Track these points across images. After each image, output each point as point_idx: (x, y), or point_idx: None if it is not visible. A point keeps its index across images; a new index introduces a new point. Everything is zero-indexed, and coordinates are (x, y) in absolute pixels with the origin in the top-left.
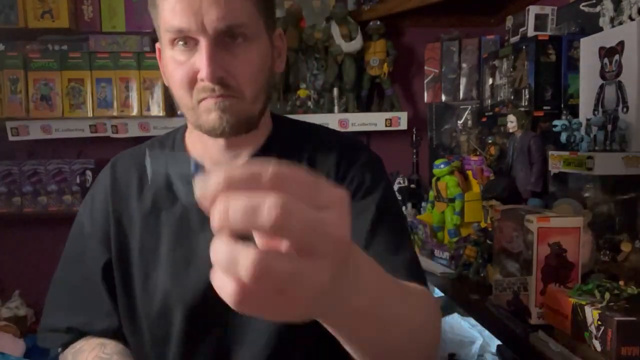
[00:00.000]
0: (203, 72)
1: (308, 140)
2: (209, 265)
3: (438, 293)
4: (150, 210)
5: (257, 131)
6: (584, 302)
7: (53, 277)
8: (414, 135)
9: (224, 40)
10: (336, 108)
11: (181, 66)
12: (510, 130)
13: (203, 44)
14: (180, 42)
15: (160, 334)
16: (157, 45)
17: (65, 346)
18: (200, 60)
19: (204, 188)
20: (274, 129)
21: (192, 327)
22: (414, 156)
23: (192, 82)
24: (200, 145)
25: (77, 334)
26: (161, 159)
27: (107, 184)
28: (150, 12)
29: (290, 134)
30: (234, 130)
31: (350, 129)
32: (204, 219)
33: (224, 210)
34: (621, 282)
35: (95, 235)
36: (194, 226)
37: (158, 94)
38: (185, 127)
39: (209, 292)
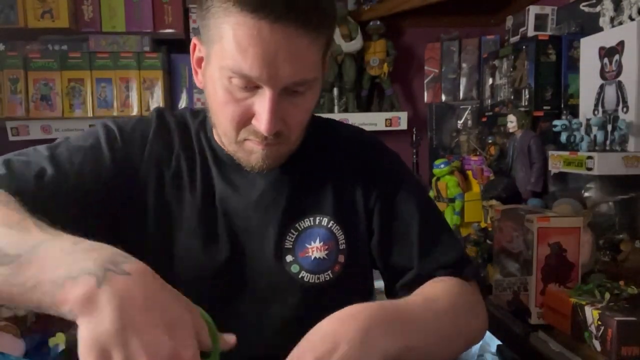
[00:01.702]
0: (262, 125)
1: (333, 145)
2: (225, 247)
3: None
4: (182, 169)
5: None
6: (584, 302)
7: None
8: (414, 135)
9: (289, 90)
10: (336, 108)
11: (236, 103)
12: (510, 130)
13: (268, 95)
14: (240, 82)
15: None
16: (195, 40)
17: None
18: (262, 110)
19: None
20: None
21: (205, 301)
22: (414, 156)
23: (243, 121)
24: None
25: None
26: None
27: (152, 127)
28: (201, 15)
29: (314, 132)
30: (272, 167)
31: None
32: (225, 200)
33: None
34: (621, 282)
35: (124, 155)
36: (217, 205)
37: (158, 94)
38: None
39: (224, 275)
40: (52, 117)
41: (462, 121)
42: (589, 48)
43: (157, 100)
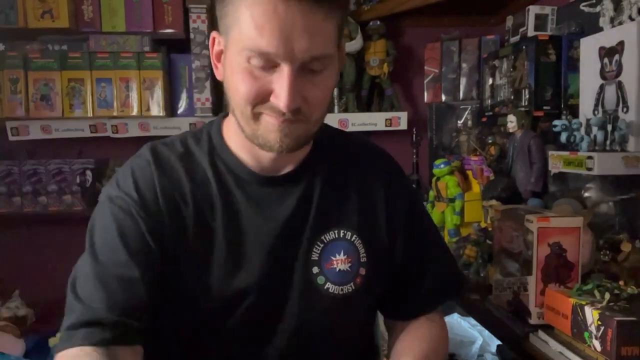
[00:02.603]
0: (281, 101)
1: (352, 158)
2: (258, 271)
3: None
4: (205, 208)
5: None
6: (584, 302)
7: (78, 271)
8: (414, 135)
9: (307, 68)
10: (336, 108)
11: (255, 80)
12: (510, 130)
13: (286, 71)
14: (259, 62)
15: (203, 335)
16: (214, 34)
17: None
18: (281, 87)
19: None
20: (319, 140)
21: (239, 332)
22: (414, 156)
23: (260, 98)
24: (247, 148)
25: (119, 328)
26: None
27: (152, 168)
28: (220, 6)
29: (331, 143)
30: (291, 150)
31: (350, 129)
32: (254, 222)
33: None
34: (621, 282)
35: (142, 230)
36: (245, 229)
37: (158, 94)
38: (220, 121)
39: (258, 298)
40: (52, 117)
41: (462, 121)
42: (589, 48)
43: (157, 100)
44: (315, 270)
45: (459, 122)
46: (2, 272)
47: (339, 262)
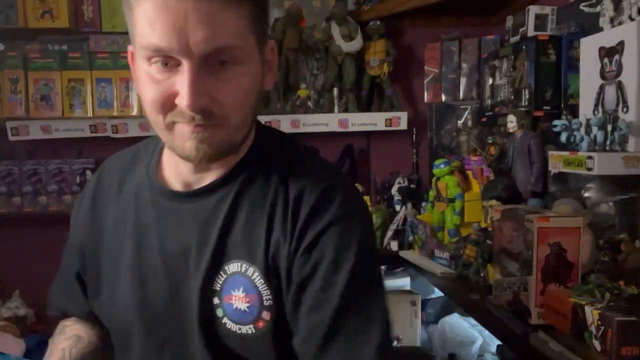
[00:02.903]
0: (184, 100)
1: (280, 171)
2: (162, 286)
3: (438, 293)
4: (121, 218)
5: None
6: (584, 302)
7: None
8: (414, 135)
9: (211, 64)
10: (336, 108)
11: (157, 84)
12: (510, 130)
13: (186, 67)
14: (158, 61)
15: (121, 345)
16: (130, 48)
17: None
18: (182, 85)
19: None
20: (249, 151)
21: (149, 345)
22: (414, 156)
23: (168, 104)
24: (173, 162)
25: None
26: None
27: (92, 188)
28: (124, 12)
29: (265, 159)
30: (212, 159)
31: (350, 129)
32: (162, 236)
33: None
34: (621, 282)
35: (73, 241)
36: (152, 242)
37: None
38: None
39: (164, 312)
40: (52, 117)
41: (462, 121)
42: (589, 48)
43: None
44: (215, 300)
45: (459, 122)
46: (2, 272)
47: (237, 299)
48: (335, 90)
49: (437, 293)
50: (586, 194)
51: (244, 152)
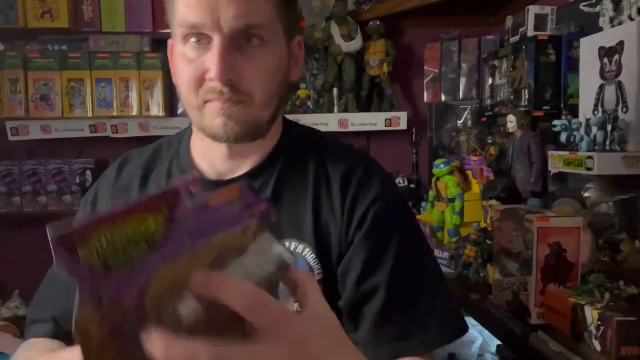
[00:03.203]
0: (213, 71)
1: (317, 155)
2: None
3: None
4: None
5: (264, 140)
6: (584, 302)
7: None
8: (414, 135)
9: (239, 41)
10: (336, 108)
11: (191, 64)
12: (510, 130)
13: (216, 42)
14: (193, 39)
15: None
16: (170, 42)
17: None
18: (212, 58)
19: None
20: (282, 138)
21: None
22: (414, 156)
23: (200, 81)
24: (203, 152)
25: (57, 324)
26: None
27: (112, 183)
28: (166, 6)
29: (299, 145)
30: (239, 138)
31: (350, 129)
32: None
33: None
34: (621, 282)
35: None
36: None
37: (158, 94)
38: (192, 129)
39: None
40: (52, 117)
41: (462, 121)
42: (588, 48)
43: (157, 100)
44: None
45: (459, 122)
46: (2, 272)
47: None
48: (335, 91)
49: None
50: (586, 194)
51: (276, 141)
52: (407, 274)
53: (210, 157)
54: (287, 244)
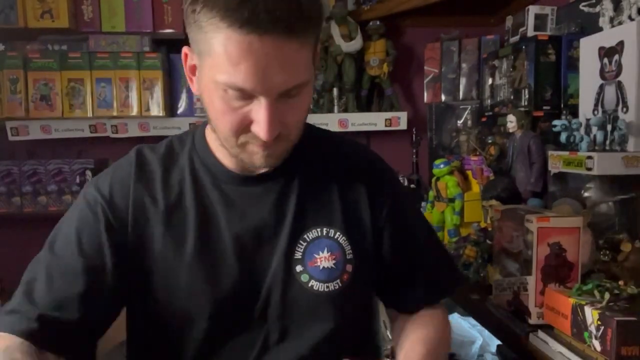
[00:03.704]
0: (262, 133)
1: (334, 156)
2: (234, 268)
3: None
4: (175, 205)
5: None
6: (584, 302)
7: (37, 258)
8: (413, 135)
9: (283, 96)
10: (336, 108)
11: (234, 112)
12: (510, 130)
13: (264, 103)
14: (236, 93)
15: (178, 333)
16: (186, 50)
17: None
18: (260, 119)
19: None
20: (299, 141)
21: (214, 329)
22: (414, 156)
23: (242, 128)
24: (224, 150)
25: (42, 324)
26: None
27: (132, 171)
28: (187, 18)
29: (317, 140)
30: (274, 165)
31: (350, 129)
32: (231, 220)
33: None
34: (621, 282)
35: (109, 217)
36: (221, 226)
37: (158, 94)
38: (205, 125)
39: (237, 296)
40: (52, 117)
41: (462, 121)
42: (588, 48)
43: (157, 100)
44: (299, 268)
45: (458, 122)
46: (2, 272)
47: (323, 259)
48: (335, 90)
49: None
50: (586, 194)
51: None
52: (430, 237)
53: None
54: (317, 230)
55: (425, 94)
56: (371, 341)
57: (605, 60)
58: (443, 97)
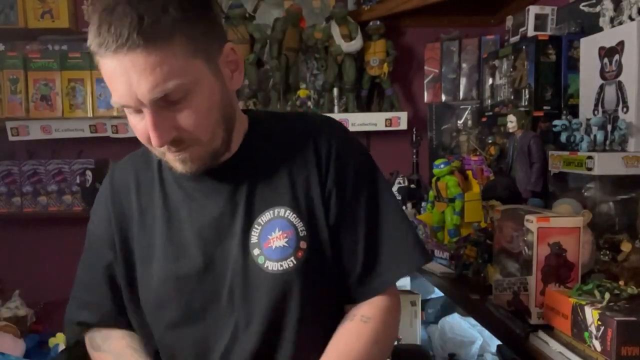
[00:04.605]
0: (153, 140)
1: (283, 137)
2: (197, 258)
3: (438, 293)
4: (147, 206)
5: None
6: (584, 302)
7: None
8: (414, 135)
9: (165, 102)
10: (336, 108)
11: (137, 126)
12: (510, 130)
13: (146, 113)
14: (128, 109)
15: (159, 324)
16: None
17: (77, 338)
18: (148, 128)
19: None
20: (249, 132)
21: (186, 318)
22: (414, 156)
23: (149, 142)
24: None
25: (85, 327)
26: None
27: (107, 192)
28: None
29: (265, 126)
30: (200, 169)
31: (350, 129)
32: (191, 214)
33: None
34: (621, 282)
35: (100, 239)
36: (183, 220)
37: None
38: None
39: (203, 285)
40: (52, 117)
41: (462, 121)
42: (589, 48)
43: None
44: (256, 252)
45: (459, 122)
46: (2, 272)
47: (275, 239)
48: (335, 90)
49: (437, 293)
50: (586, 194)
51: (245, 131)
52: (377, 214)
53: None
54: (269, 212)
55: (426, 94)
56: None
57: (606, 60)
58: (443, 97)
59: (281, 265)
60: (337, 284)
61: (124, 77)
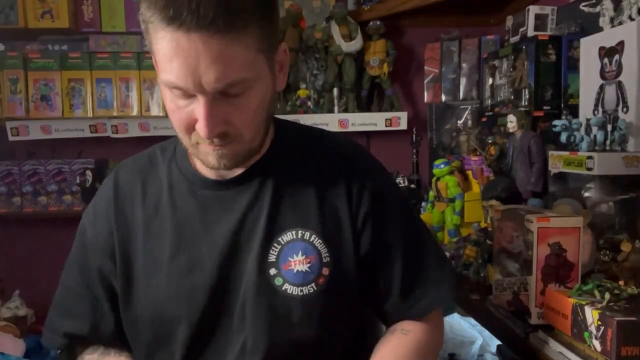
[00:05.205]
0: (201, 130)
1: (310, 156)
2: (211, 272)
3: None
4: (153, 215)
5: None
6: (584, 302)
7: (60, 278)
8: (414, 135)
9: (224, 94)
10: (336, 108)
11: (179, 110)
12: (510, 130)
13: (201, 101)
14: (178, 92)
15: (162, 340)
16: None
17: (62, 349)
18: (199, 115)
19: None
20: (275, 140)
21: (195, 334)
22: (414, 156)
23: (190, 127)
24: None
25: (73, 340)
26: None
27: (110, 193)
28: (143, 31)
29: (293, 140)
30: (233, 167)
31: (350, 129)
32: (207, 225)
33: None
34: (621, 282)
35: (97, 245)
36: (197, 232)
37: (158, 94)
38: None
39: (215, 301)
40: (52, 117)
41: (462, 121)
42: (589, 48)
43: (157, 100)
44: (272, 271)
45: (459, 122)
46: (2, 272)
47: (297, 262)
48: (335, 90)
49: None
50: (586, 194)
51: (272, 138)
52: (417, 243)
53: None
54: (292, 233)
55: (426, 94)
56: (366, 350)
57: (606, 60)
58: (443, 97)
59: (301, 290)
60: (355, 312)
61: (190, 59)
